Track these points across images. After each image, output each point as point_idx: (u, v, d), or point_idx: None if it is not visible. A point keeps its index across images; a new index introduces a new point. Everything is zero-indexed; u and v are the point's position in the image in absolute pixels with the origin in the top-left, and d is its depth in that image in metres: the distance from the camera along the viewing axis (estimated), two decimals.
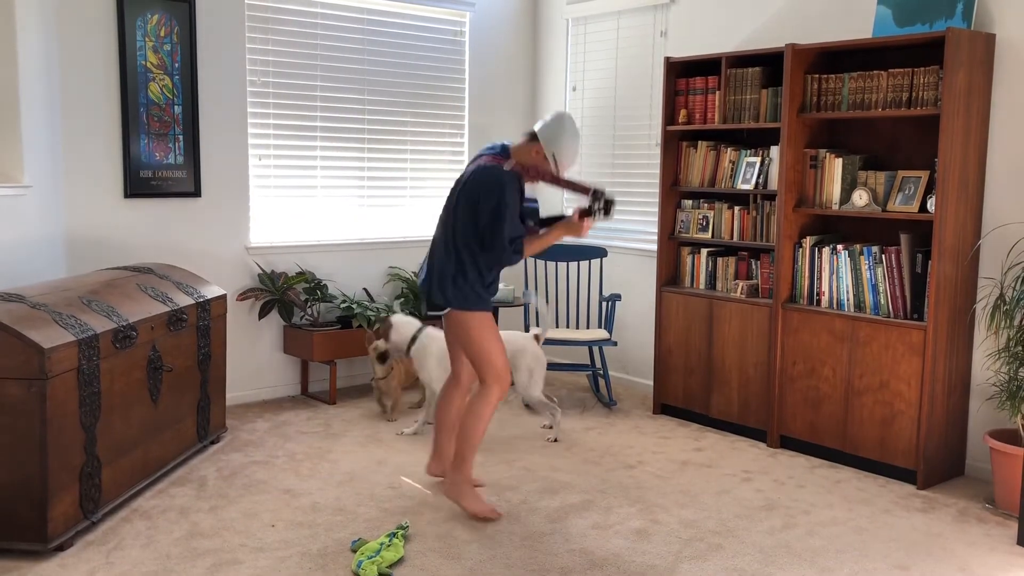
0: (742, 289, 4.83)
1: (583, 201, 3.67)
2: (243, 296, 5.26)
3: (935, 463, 4.18)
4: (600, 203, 3.62)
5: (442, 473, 4.01)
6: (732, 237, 4.96)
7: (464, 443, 3.72)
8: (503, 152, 3.69)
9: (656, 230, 5.31)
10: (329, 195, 5.66)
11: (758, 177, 4.79)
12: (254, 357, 5.41)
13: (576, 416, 5.22)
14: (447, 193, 3.84)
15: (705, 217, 5.07)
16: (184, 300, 4.25)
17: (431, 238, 3.89)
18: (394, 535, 3.37)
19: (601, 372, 5.55)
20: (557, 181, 3.70)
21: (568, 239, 3.98)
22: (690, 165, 5.14)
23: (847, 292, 4.40)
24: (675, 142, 5.19)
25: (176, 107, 4.97)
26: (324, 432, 4.85)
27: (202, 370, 4.40)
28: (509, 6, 6.33)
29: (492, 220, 3.53)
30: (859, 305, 4.36)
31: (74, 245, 4.73)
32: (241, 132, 5.24)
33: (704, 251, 5.11)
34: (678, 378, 5.15)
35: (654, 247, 5.41)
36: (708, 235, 5.05)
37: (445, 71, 6.09)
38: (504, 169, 3.58)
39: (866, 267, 4.32)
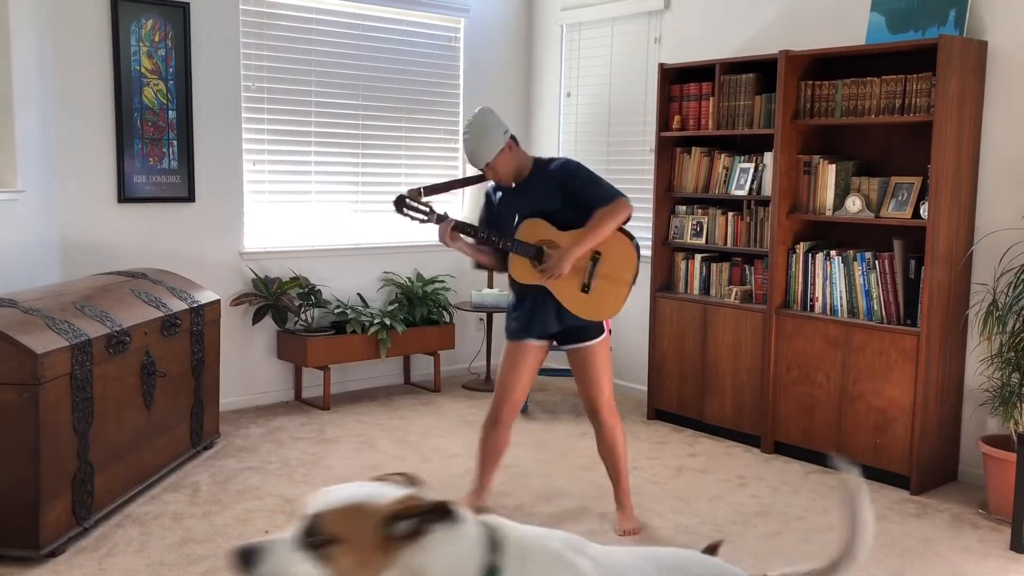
0: (736, 295, 4.83)
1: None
2: (237, 301, 5.25)
3: (928, 469, 4.18)
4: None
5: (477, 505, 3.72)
6: (726, 243, 4.97)
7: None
8: None
9: (650, 235, 5.32)
10: (323, 200, 5.65)
11: (752, 183, 4.80)
12: (248, 362, 5.40)
13: (571, 421, 5.22)
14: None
15: (699, 223, 5.07)
16: (178, 305, 4.24)
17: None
18: None
19: None
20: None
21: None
22: (684, 171, 5.15)
23: (840, 298, 4.41)
24: (669, 148, 5.20)
25: (170, 112, 4.97)
26: (318, 438, 4.83)
27: (196, 375, 4.39)
28: (504, 12, 6.34)
29: None
30: (852, 311, 4.37)
31: (68, 250, 4.72)
32: (235, 137, 5.23)
33: (698, 257, 5.12)
34: (672, 384, 5.15)
35: (648, 252, 5.40)
36: (702, 241, 5.06)
37: (440, 77, 6.10)
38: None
39: (859, 273, 4.33)
